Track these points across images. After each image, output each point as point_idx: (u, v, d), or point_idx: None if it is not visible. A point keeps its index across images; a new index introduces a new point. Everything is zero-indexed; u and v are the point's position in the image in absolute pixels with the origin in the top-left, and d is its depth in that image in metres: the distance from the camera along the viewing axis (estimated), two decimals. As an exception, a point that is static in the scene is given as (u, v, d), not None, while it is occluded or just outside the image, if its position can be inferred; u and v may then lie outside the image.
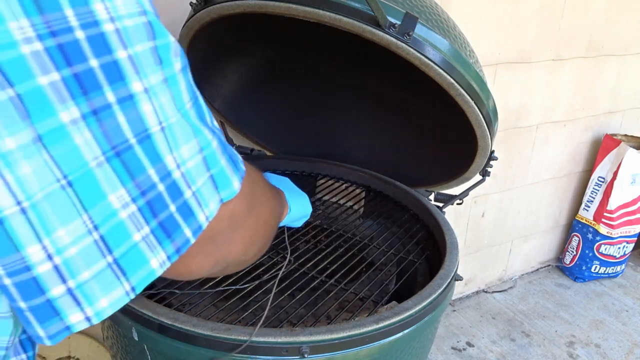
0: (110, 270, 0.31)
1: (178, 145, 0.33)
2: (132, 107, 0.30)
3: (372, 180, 1.18)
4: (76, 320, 0.32)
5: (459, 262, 0.85)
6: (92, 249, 0.30)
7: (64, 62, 0.28)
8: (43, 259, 0.29)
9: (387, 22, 0.71)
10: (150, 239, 0.33)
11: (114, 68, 0.29)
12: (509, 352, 1.83)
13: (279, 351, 0.64)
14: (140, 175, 0.31)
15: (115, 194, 0.30)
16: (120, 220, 0.31)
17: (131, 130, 0.31)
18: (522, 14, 1.68)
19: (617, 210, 2.10)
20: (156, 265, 0.33)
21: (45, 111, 0.27)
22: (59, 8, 0.27)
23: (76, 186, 0.29)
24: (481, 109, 0.82)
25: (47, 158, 0.28)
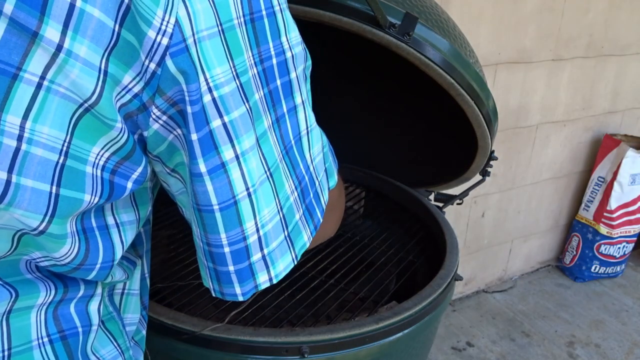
0: (286, 242, 0.40)
1: (314, 145, 0.42)
2: (295, 115, 0.39)
3: (372, 180, 1.18)
4: (263, 280, 0.40)
5: (459, 262, 0.85)
6: (279, 224, 0.39)
7: (265, 82, 0.36)
8: (254, 231, 0.37)
9: (387, 22, 0.71)
10: (303, 219, 0.41)
11: (289, 86, 0.38)
12: (509, 352, 1.83)
13: (279, 351, 0.64)
14: (297, 168, 0.40)
15: (288, 183, 0.39)
16: (290, 203, 0.39)
17: (292, 134, 0.39)
18: (522, 14, 1.68)
19: (617, 210, 2.10)
20: (306, 239, 0.42)
21: (259, 119, 0.35)
22: (267, 41, 0.35)
23: (275, 176, 0.37)
24: (481, 109, 0.82)
25: (261, 155, 0.36)
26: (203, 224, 0.36)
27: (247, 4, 0.33)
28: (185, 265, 0.85)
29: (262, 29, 0.34)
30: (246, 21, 0.33)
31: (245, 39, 0.33)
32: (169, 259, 0.86)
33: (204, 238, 0.37)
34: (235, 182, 0.35)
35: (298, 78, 0.38)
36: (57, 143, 0.30)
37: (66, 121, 0.30)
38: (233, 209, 0.35)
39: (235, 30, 0.32)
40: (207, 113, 0.32)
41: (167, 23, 0.30)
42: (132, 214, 0.41)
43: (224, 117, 0.33)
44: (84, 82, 0.29)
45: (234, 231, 0.36)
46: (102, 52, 0.29)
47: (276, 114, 0.37)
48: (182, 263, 0.86)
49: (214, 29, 0.31)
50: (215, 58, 0.32)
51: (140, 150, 0.35)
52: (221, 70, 0.32)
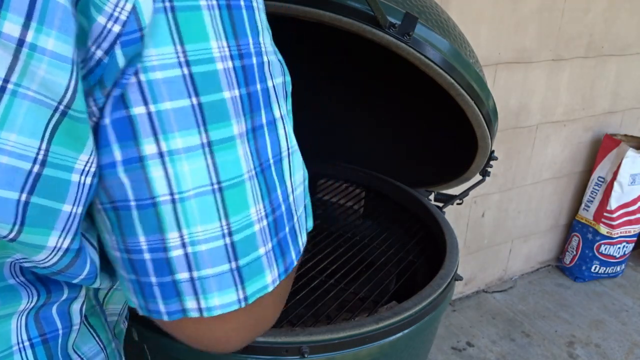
0: (231, 275, 0.33)
1: (295, 172, 0.36)
2: (275, 130, 0.34)
3: (372, 180, 1.18)
4: (191, 306, 0.34)
5: (459, 262, 0.85)
6: (222, 252, 0.33)
7: (243, 82, 0.31)
8: (178, 245, 0.32)
9: (387, 22, 0.71)
10: (270, 255, 0.35)
11: (267, 94, 0.33)
12: (509, 352, 1.83)
13: (279, 351, 0.64)
14: (274, 193, 0.34)
15: (256, 207, 0.33)
16: (253, 232, 0.33)
17: (272, 151, 0.34)
18: (522, 14, 1.68)
19: (617, 210, 2.10)
20: (269, 281, 0.35)
21: (222, 121, 0.31)
22: (246, 34, 0.31)
23: (227, 193, 0.32)
24: (481, 109, 0.82)
25: (210, 162, 0.31)
26: (120, 225, 0.32)
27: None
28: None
29: (241, 20, 0.31)
30: (220, 5, 0.30)
31: (217, 25, 0.30)
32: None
33: (122, 245, 0.33)
34: (155, 181, 0.30)
35: (276, 89, 0.34)
36: (29, 151, 0.28)
37: (40, 128, 0.28)
38: (152, 211, 0.31)
39: (200, 12, 0.29)
40: (128, 97, 0.28)
41: (122, 10, 0.27)
42: None
43: (149, 106, 0.29)
44: (55, 77, 0.27)
45: (153, 236, 0.32)
46: (73, 42, 0.27)
47: (253, 122, 0.32)
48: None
49: (160, 4, 0.28)
50: (153, 37, 0.28)
51: None
52: (156, 52, 0.28)
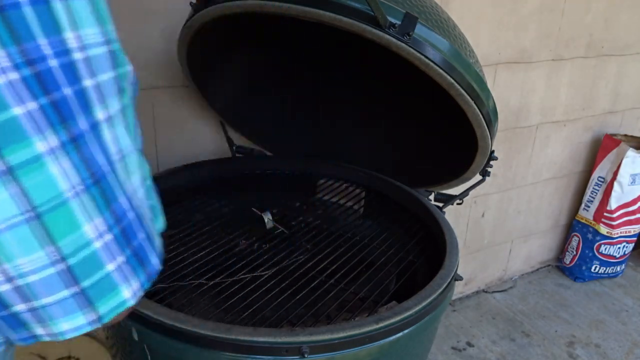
0: (74, 300, 0.31)
1: (132, 174, 0.33)
2: (99, 136, 0.30)
3: (372, 180, 1.18)
4: (40, 333, 0.32)
5: (459, 262, 0.85)
6: (55, 279, 0.30)
7: (41, 91, 0.27)
8: (2, 280, 0.29)
9: (387, 22, 0.71)
10: (125, 268, 0.32)
11: (84, 96, 0.29)
12: (509, 352, 1.83)
13: (279, 351, 0.64)
14: (115, 203, 0.31)
15: (92, 224, 0.30)
16: (94, 251, 0.31)
17: (104, 158, 0.31)
18: (522, 14, 1.68)
19: (617, 210, 2.10)
20: (128, 295, 0.33)
21: (18, 142, 0.27)
22: (33, 37, 0.27)
23: (46, 218, 0.29)
24: (481, 109, 0.82)
25: (17, 190, 0.27)
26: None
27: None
28: (185, 265, 0.85)
29: (21, 21, 0.27)
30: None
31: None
32: (169, 259, 0.86)
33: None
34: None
35: (100, 87, 0.30)
36: None
37: None
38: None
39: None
40: None
41: None
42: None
43: None
44: None
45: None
46: None
47: (69, 132, 0.29)
48: (182, 263, 0.86)
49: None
50: None
51: None
52: None
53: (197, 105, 1.25)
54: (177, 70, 1.14)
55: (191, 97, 1.23)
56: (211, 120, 1.27)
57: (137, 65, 1.15)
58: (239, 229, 0.99)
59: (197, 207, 1.07)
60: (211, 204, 1.08)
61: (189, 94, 1.23)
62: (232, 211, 1.07)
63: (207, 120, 1.27)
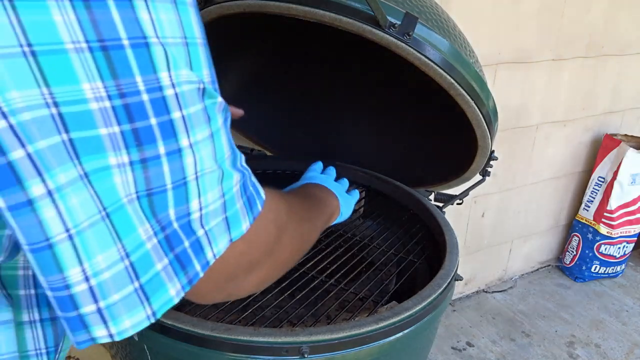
0: (136, 295, 0.35)
1: (206, 191, 0.37)
2: (178, 159, 0.35)
3: (372, 180, 1.18)
4: (100, 335, 0.35)
5: (459, 262, 0.85)
6: (123, 274, 0.34)
7: (126, 119, 0.32)
8: (81, 280, 0.33)
9: (387, 22, 0.71)
10: (169, 270, 0.36)
11: (170, 126, 0.34)
12: (509, 352, 1.83)
13: (279, 351, 0.64)
14: (163, 212, 0.35)
15: (143, 227, 0.34)
16: (147, 250, 0.35)
17: (169, 179, 0.35)
18: (522, 14, 1.68)
19: (617, 210, 2.10)
20: (173, 294, 0.37)
21: (97, 152, 0.31)
22: (131, 74, 0.32)
23: (115, 216, 0.33)
24: (481, 109, 0.82)
25: (92, 192, 0.32)
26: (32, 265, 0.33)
27: (92, 29, 0.30)
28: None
29: (123, 60, 0.31)
30: (92, 48, 0.30)
31: (90, 67, 0.30)
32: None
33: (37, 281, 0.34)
34: (49, 222, 0.31)
35: (186, 118, 0.35)
36: None
37: None
38: (48, 253, 0.32)
39: (65, 55, 0.29)
40: (2, 142, 0.29)
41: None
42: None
43: (27, 147, 0.29)
44: None
45: (53, 277, 0.33)
46: None
47: (143, 154, 0.33)
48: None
49: (13, 49, 0.28)
50: (12, 80, 0.29)
51: None
52: (20, 94, 0.29)
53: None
54: (177, 70, 1.14)
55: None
56: (211, 120, 1.27)
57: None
58: None
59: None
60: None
61: (189, 94, 1.23)
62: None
63: (207, 120, 1.27)
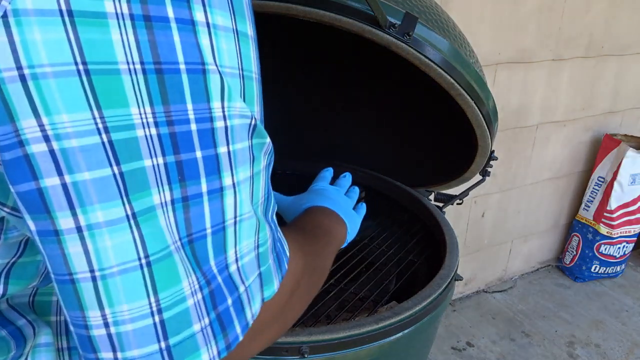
0: (160, 356, 0.31)
1: (242, 240, 0.33)
2: (219, 199, 0.31)
3: (372, 180, 1.18)
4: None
5: (459, 262, 0.85)
6: (150, 331, 0.30)
7: (171, 149, 0.29)
8: (100, 324, 0.30)
9: (387, 22, 0.71)
10: (208, 332, 0.32)
11: (215, 161, 0.31)
12: (509, 352, 1.83)
13: (279, 351, 0.64)
14: (206, 265, 0.32)
15: (189, 280, 0.31)
16: (187, 307, 0.31)
17: (210, 221, 0.31)
18: (522, 14, 1.68)
19: (617, 210, 2.10)
20: (206, 359, 0.33)
21: (143, 190, 0.29)
22: (183, 101, 0.29)
23: (157, 267, 0.30)
24: (481, 109, 0.82)
25: (137, 235, 0.29)
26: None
27: (150, 50, 0.27)
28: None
29: (176, 85, 0.28)
30: (146, 70, 0.28)
31: (141, 90, 0.28)
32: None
33: None
34: (73, 258, 0.28)
35: (232, 155, 0.32)
36: None
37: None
38: (70, 288, 0.29)
39: (119, 76, 0.27)
40: (36, 166, 0.27)
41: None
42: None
43: (64, 176, 0.27)
44: None
45: (74, 312, 0.30)
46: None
47: (184, 191, 0.30)
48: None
49: (68, 67, 0.26)
50: (62, 102, 0.26)
51: None
52: (70, 117, 0.26)
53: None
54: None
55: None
56: (211, 120, 1.27)
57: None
58: None
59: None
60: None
61: (189, 94, 1.23)
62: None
63: (207, 120, 1.27)
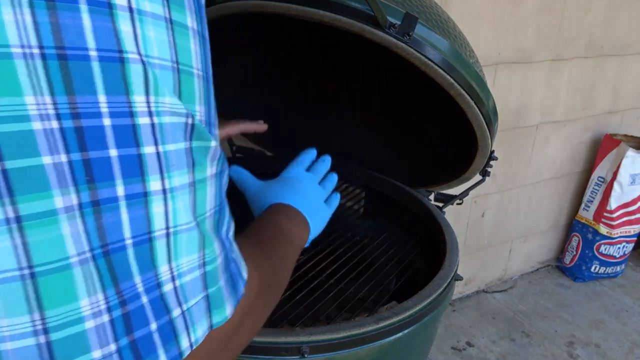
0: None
1: (179, 255, 0.29)
2: (142, 206, 0.27)
3: (372, 180, 1.18)
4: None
5: (459, 262, 0.85)
6: (32, 352, 0.25)
7: (77, 146, 0.25)
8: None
9: (387, 22, 0.71)
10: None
11: (136, 162, 0.27)
12: (509, 352, 1.83)
13: (278, 351, 0.64)
14: (125, 282, 0.27)
15: (90, 299, 0.26)
16: (83, 331, 0.26)
17: (131, 230, 0.27)
18: (522, 14, 1.68)
19: (617, 210, 2.10)
20: None
21: (35, 192, 0.24)
22: (93, 92, 0.25)
23: (41, 280, 0.25)
24: (481, 109, 0.82)
25: (19, 242, 0.24)
26: None
27: (51, 33, 0.24)
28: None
29: (84, 74, 0.25)
30: (46, 55, 0.24)
31: (39, 77, 0.24)
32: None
33: None
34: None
35: (163, 157, 0.28)
36: None
37: None
38: None
39: (10, 60, 0.23)
40: None
41: None
42: None
43: None
44: None
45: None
46: None
47: (95, 194, 0.26)
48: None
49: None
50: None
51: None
52: None
53: (197, 105, 1.25)
54: (177, 70, 1.14)
55: (191, 97, 1.23)
56: (211, 120, 1.27)
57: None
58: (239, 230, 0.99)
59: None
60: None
61: (189, 94, 1.23)
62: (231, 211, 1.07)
63: (207, 120, 1.27)
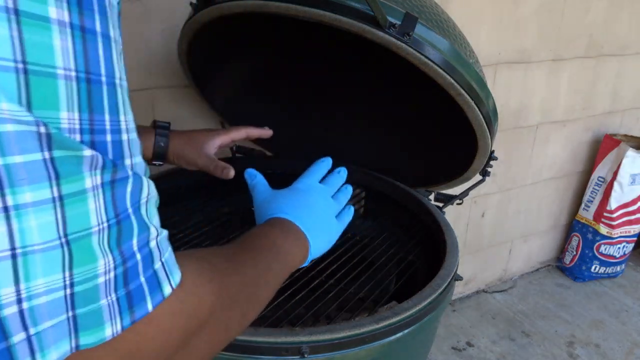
0: (67, 324, 0.30)
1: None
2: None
3: (372, 180, 1.18)
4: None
5: (459, 262, 0.85)
6: (60, 302, 0.29)
7: None
8: (12, 301, 0.27)
9: (387, 22, 0.71)
10: (114, 307, 0.32)
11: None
12: (509, 352, 1.83)
13: (278, 351, 0.64)
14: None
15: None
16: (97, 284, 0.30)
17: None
18: (522, 14, 1.68)
19: (617, 210, 2.10)
20: (109, 334, 0.31)
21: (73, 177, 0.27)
22: (101, 112, 0.27)
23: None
24: (481, 109, 0.82)
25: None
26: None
27: (83, 60, 0.27)
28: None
29: (99, 96, 0.28)
30: (79, 78, 0.27)
31: (73, 97, 0.27)
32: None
33: None
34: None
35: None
36: None
37: None
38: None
39: (55, 80, 0.26)
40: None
41: None
42: None
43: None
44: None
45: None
46: None
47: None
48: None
49: (11, 63, 0.25)
50: (2, 93, 0.25)
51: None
52: (8, 107, 0.25)
53: (197, 105, 1.25)
54: (177, 70, 1.14)
55: (191, 97, 1.23)
56: (211, 120, 1.27)
57: (137, 65, 1.15)
58: (239, 230, 0.99)
59: (197, 207, 1.07)
60: (211, 204, 1.08)
61: (189, 94, 1.23)
62: (232, 211, 1.07)
63: (207, 120, 1.27)
